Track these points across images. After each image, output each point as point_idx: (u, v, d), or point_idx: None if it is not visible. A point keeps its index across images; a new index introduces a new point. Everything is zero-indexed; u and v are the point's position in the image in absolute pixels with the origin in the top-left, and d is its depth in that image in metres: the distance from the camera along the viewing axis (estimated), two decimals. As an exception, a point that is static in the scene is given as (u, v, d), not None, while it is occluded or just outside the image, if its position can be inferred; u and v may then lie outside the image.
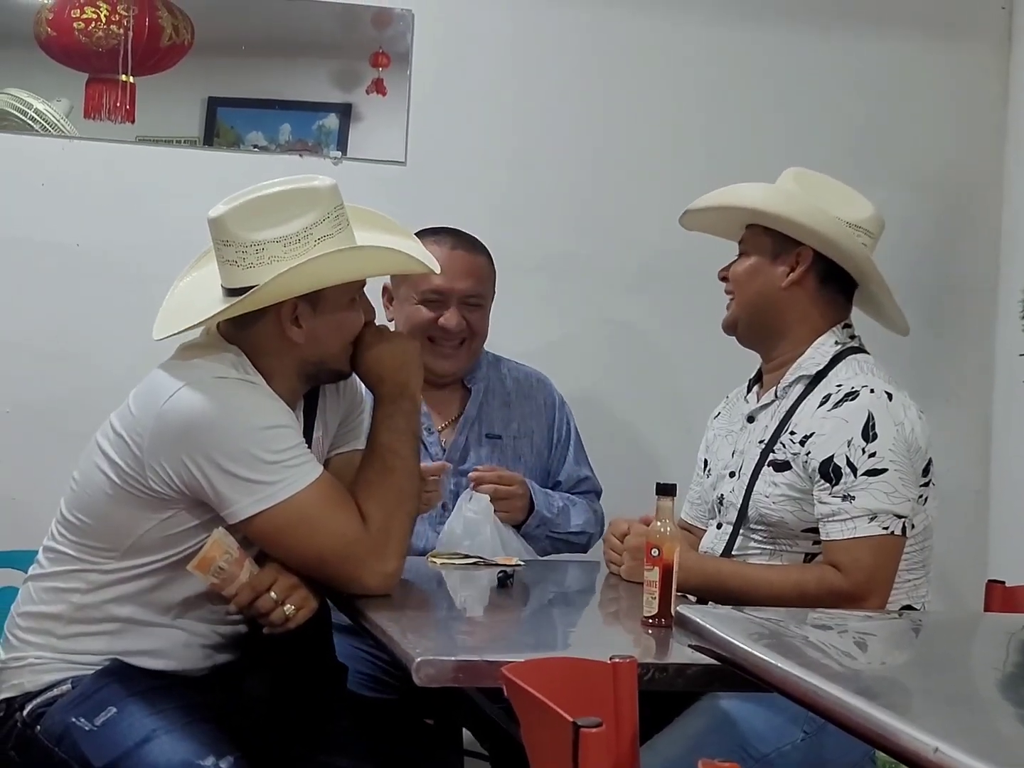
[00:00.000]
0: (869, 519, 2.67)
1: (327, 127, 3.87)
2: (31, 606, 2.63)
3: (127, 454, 2.51)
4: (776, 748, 2.63)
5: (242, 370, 2.56)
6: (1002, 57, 4.11)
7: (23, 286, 3.68)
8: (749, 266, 2.94)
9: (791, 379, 2.89)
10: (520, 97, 3.94)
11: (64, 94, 3.74)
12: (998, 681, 1.90)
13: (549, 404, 3.52)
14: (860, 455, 2.69)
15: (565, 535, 3.39)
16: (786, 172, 3.00)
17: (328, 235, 2.54)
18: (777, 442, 2.82)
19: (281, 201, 2.54)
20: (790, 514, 2.78)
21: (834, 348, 2.88)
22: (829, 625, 2.23)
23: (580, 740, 1.73)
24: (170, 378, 2.53)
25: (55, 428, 3.50)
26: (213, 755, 2.40)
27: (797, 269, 2.88)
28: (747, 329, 2.96)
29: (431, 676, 2.13)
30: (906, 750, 1.46)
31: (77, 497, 2.60)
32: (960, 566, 3.89)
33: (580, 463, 3.53)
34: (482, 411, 3.43)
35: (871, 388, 2.76)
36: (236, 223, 2.53)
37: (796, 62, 4.04)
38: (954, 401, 4.06)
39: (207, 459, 2.46)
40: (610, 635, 2.68)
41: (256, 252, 2.52)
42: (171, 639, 2.60)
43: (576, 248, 3.96)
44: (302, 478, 2.50)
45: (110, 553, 2.57)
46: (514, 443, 3.43)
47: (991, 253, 4.11)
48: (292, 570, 2.54)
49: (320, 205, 2.55)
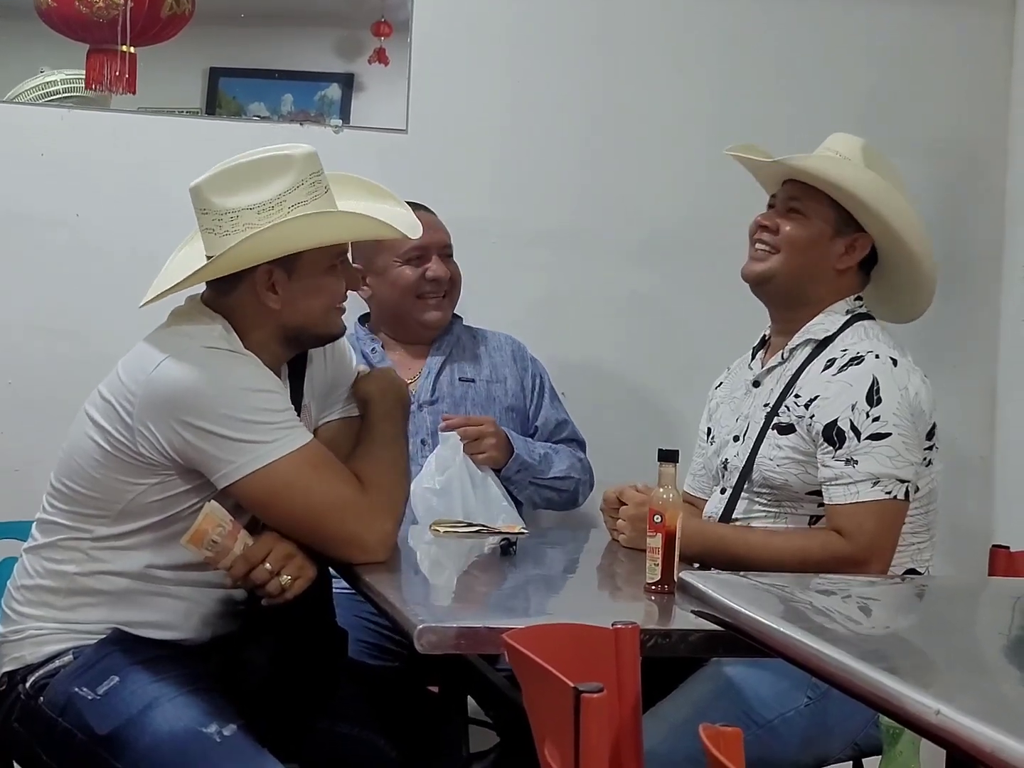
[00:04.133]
0: (872, 483, 2.68)
1: (329, 97, 3.86)
2: (27, 579, 2.63)
3: (116, 419, 2.52)
4: (780, 714, 2.64)
5: (232, 342, 2.56)
6: (1007, 24, 4.09)
7: (22, 258, 3.67)
8: (810, 233, 2.90)
9: (798, 341, 2.89)
10: (522, 65, 3.92)
11: (65, 65, 3.73)
12: (1001, 645, 1.89)
13: (520, 356, 3.63)
14: (864, 419, 2.69)
15: (549, 481, 3.48)
16: (844, 140, 2.96)
17: (302, 201, 2.54)
18: (782, 405, 2.82)
19: (256, 169, 2.55)
20: (794, 477, 2.78)
21: (844, 315, 2.89)
22: (833, 590, 2.22)
23: (582, 705, 1.73)
24: (159, 346, 2.54)
25: (55, 400, 3.49)
26: (216, 722, 2.42)
27: (853, 254, 2.89)
28: (780, 289, 2.92)
29: (433, 643, 2.13)
30: (908, 713, 1.46)
31: (66, 466, 2.60)
32: (965, 532, 3.89)
33: (557, 409, 3.63)
34: (452, 356, 3.56)
35: (876, 353, 2.76)
36: (212, 191, 2.55)
37: (801, 30, 4.02)
38: (959, 368, 4.05)
39: (197, 425, 2.46)
40: (613, 602, 2.68)
41: (231, 219, 2.53)
42: (170, 609, 2.60)
43: (578, 218, 3.94)
44: (294, 441, 2.50)
45: (101, 519, 2.57)
46: (487, 387, 3.53)
47: (996, 220, 4.10)
48: (289, 539, 2.53)
49: (294, 171, 2.55)
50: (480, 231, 3.80)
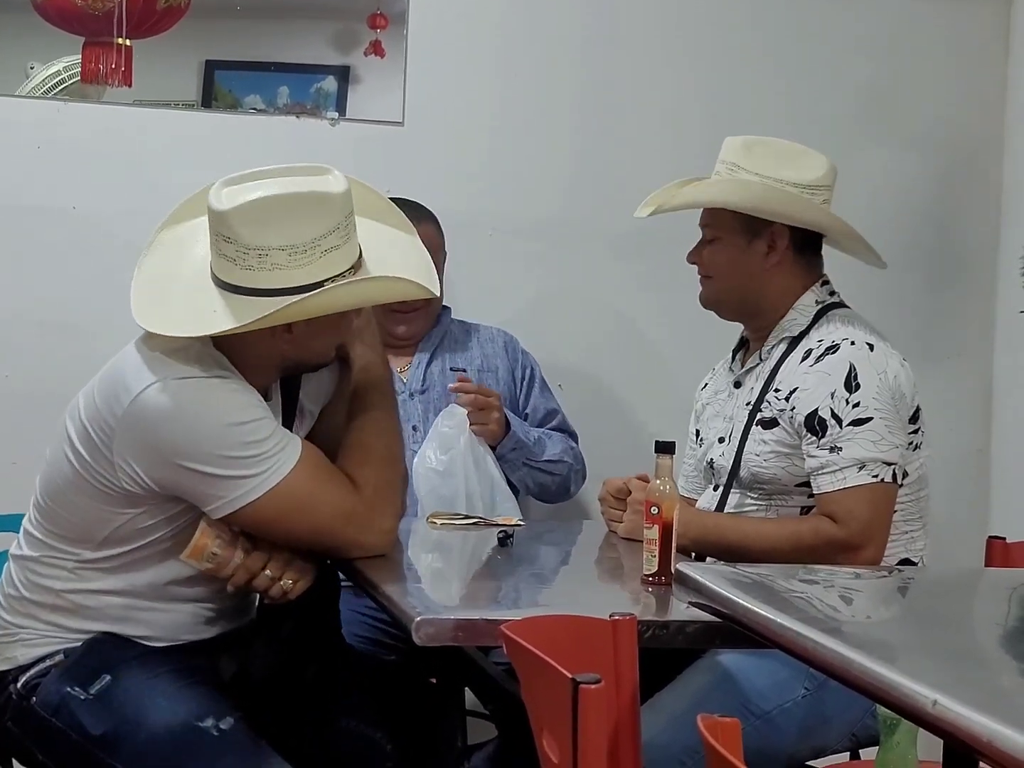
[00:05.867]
0: (858, 468, 2.69)
1: (325, 90, 3.85)
2: (13, 590, 2.59)
3: (94, 449, 2.45)
4: (778, 705, 2.65)
5: (209, 362, 2.46)
6: (1003, 15, 4.09)
7: (19, 251, 3.66)
8: (726, 252, 2.93)
9: (774, 340, 2.91)
10: (518, 58, 3.91)
11: (60, 58, 3.72)
12: (998, 636, 1.90)
13: (512, 348, 3.64)
14: (844, 406, 2.71)
15: (542, 463, 3.50)
16: (730, 142, 2.99)
17: (335, 246, 2.42)
18: (763, 401, 2.84)
19: (292, 205, 2.40)
20: (782, 470, 2.80)
21: (815, 307, 2.90)
22: (830, 582, 2.23)
23: (580, 696, 1.73)
24: (135, 375, 2.44)
25: (52, 393, 3.48)
26: (212, 716, 2.41)
27: (777, 247, 2.89)
28: (730, 308, 2.99)
29: (431, 635, 2.13)
30: (905, 703, 1.46)
31: (48, 481, 2.55)
32: (962, 523, 3.89)
33: (547, 398, 3.64)
34: (443, 347, 3.56)
35: (851, 340, 2.78)
36: (241, 222, 2.39)
37: (796, 20, 4.01)
38: (955, 360, 4.05)
39: (183, 465, 2.40)
40: (610, 593, 2.68)
41: (259, 256, 2.39)
42: (165, 623, 2.57)
43: (572, 211, 3.93)
44: (284, 464, 2.44)
45: (84, 544, 2.52)
46: (479, 376, 3.53)
47: (992, 211, 4.10)
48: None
49: (332, 215, 2.42)
50: (476, 223, 3.80)
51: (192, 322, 2.47)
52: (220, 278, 2.47)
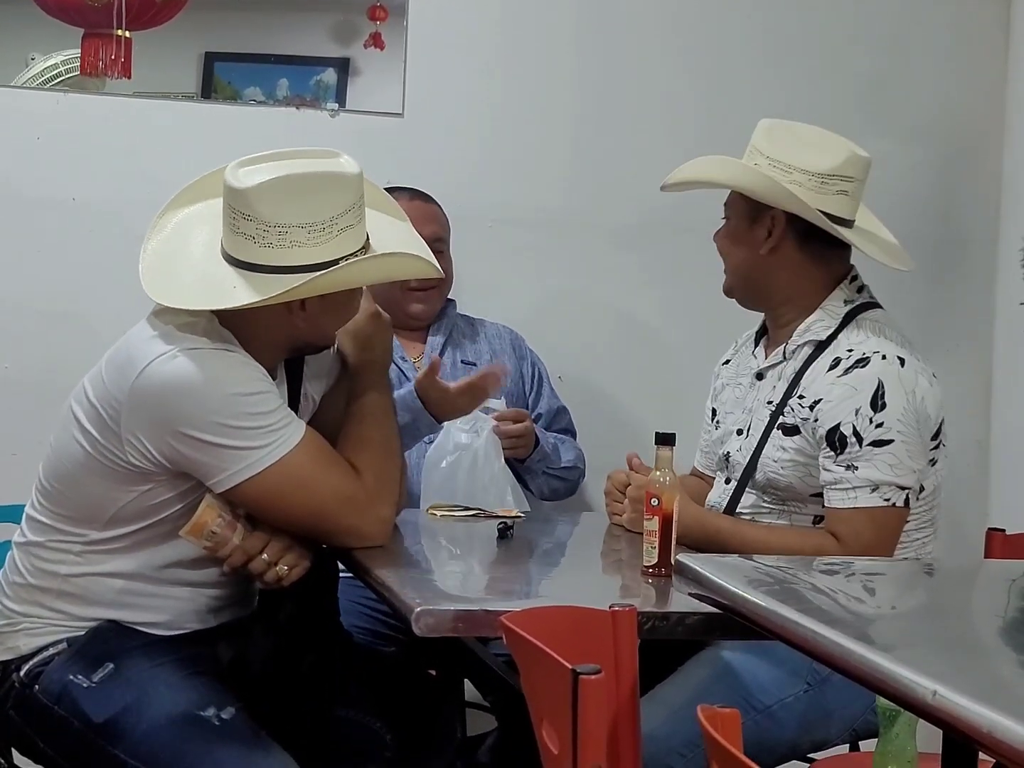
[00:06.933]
0: (871, 490, 2.64)
1: (325, 82, 3.85)
2: (18, 577, 2.59)
3: (103, 426, 2.46)
4: (779, 700, 2.64)
5: (215, 337, 2.48)
6: (1003, 6, 4.08)
7: (19, 241, 3.67)
8: (729, 232, 2.92)
9: (800, 341, 2.83)
10: (518, 49, 3.91)
11: (60, 49, 3.72)
12: (997, 627, 1.90)
13: (518, 346, 3.66)
14: (867, 424, 2.64)
15: (559, 471, 3.53)
16: (760, 125, 2.95)
17: (351, 225, 2.48)
18: (787, 405, 2.78)
19: (311, 183, 2.45)
20: (798, 479, 2.75)
21: (844, 308, 2.82)
22: (829, 573, 2.23)
23: (579, 687, 1.73)
24: (141, 348, 2.47)
25: (52, 384, 3.48)
26: (214, 705, 2.42)
27: (774, 233, 2.84)
28: (742, 295, 2.94)
29: (430, 626, 2.13)
30: (905, 694, 1.46)
31: (54, 465, 2.56)
32: (962, 515, 3.88)
33: (556, 398, 3.66)
34: (452, 338, 3.58)
35: (883, 354, 2.69)
36: (261, 200, 2.43)
37: (796, 11, 4.01)
38: (955, 351, 4.05)
39: (188, 434, 2.42)
40: (610, 584, 2.68)
41: (279, 234, 2.43)
42: (165, 608, 2.58)
43: (572, 203, 3.93)
44: (288, 440, 2.46)
45: (91, 524, 2.53)
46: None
47: (992, 202, 4.10)
48: (284, 531, 2.53)
49: (349, 194, 2.48)
50: (476, 214, 3.80)
51: (208, 296, 2.50)
52: (235, 257, 2.49)
